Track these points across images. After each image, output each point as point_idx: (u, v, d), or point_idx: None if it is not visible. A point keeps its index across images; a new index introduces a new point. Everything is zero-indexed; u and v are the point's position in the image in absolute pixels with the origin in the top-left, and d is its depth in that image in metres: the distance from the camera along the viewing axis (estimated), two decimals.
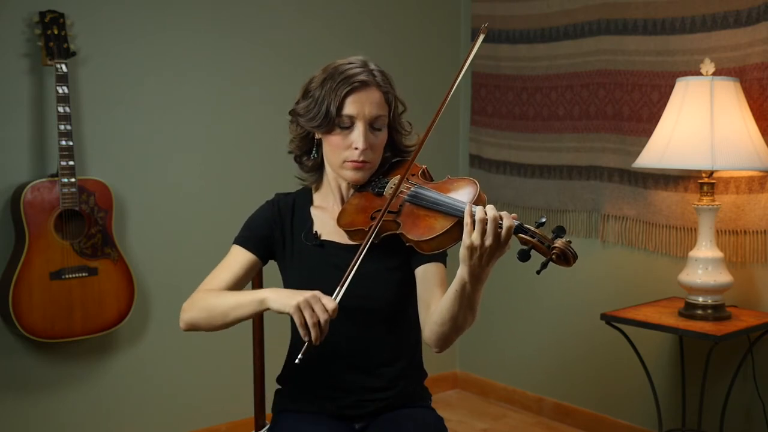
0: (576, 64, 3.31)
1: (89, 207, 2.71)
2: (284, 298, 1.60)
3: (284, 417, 1.85)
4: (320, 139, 1.79)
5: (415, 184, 1.71)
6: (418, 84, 3.56)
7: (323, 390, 1.82)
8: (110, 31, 2.89)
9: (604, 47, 3.18)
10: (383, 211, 1.65)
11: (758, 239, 2.78)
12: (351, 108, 1.72)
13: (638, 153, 2.76)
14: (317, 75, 1.77)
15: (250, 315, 1.69)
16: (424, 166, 1.79)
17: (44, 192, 2.63)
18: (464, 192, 1.63)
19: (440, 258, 1.76)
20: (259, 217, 1.87)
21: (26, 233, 2.60)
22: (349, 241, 1.74)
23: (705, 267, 2.64)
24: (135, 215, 2.97)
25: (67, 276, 2.67)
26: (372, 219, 1.68)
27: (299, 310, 1.56)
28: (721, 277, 2.64)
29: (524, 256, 1.48)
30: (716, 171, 2.66)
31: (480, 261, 1.51)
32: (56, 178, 2.63)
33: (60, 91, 2.62)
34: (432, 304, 1.71)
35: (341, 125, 1.73)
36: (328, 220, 1.82)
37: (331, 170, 1.81)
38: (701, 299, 2.65)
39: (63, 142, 2.62)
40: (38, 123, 2.75)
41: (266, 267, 1.91)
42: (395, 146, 1.84)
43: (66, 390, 2.87)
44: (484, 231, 1.49)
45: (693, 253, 2.68)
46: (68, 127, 2.63)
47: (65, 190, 2.63)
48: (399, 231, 1.65)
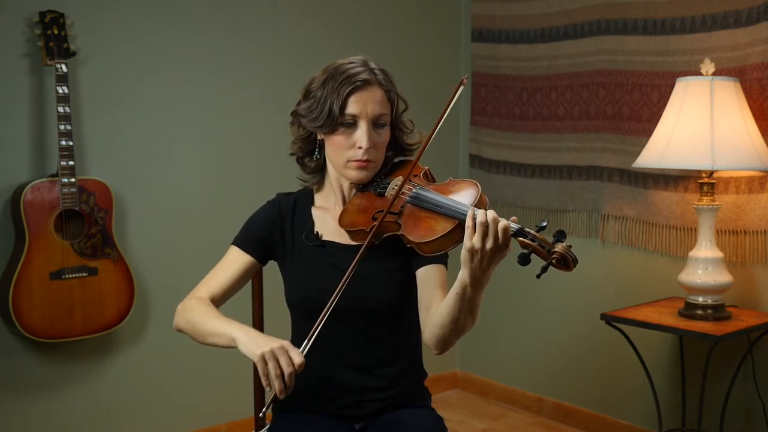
0: (576, 64, 3.31)
1: (89, 207, 2.71)
2: (251, 344, 1.59)
3: (284, 417, 1.85)
4: (322, 140, 1.79)
5: (417, 186, 1.70)
6: (418, 84, 3.56)
7: (323, 390, 1.82)
8: (110, 31, 2.89)
9: (604, 47, 3.18)
10: (385, 212, 1.65)
11: (758, 239, 2.78)
12: (354, 107, 1.72)
13: (638, 153, 2.76)
14: (318, 75, 1.77)
15: (225, 346, 1.69)
16: (426, 168, 1.79)
17: (44, 192, 2.63)
18: (466, 194, 1.63)
19: (441, 260, 1.76)
20: (259, 218, 1.86)
21: (26, 233, 2.60)
22: (351, 242, 1.74)
23: (705, 267, 2.64)
24: (135, 215, 2.97)
25: (67, 276, 2.67)
26: (373, 219, 1.68)
27: (263, 361, 1.55)
28: (721, 277, 2.64)
29: (524, 260, 1.48)
30: (716, 171, 2.66)
31: (480, 264, 1.51)
32: (56, 178, 2.63)
33: (60, 91, 2.62)
34: (432, 306, 1.71)
35: (344, 125, 1.73)
36: (330, 221, 1.82)
37: (334, 170, 1.81)
38: (701, 299, 2.65)
39: (63, 142, 2.62)
40: (38, 123, 2.75)
41: (266, 267, 1.91)
42: (397, 144, 1.84)
43: (66, 390, 2.87)
44: (485, 234, 1.49)
45: (693, 253, 2.68)
46: (68, 127, 2.63)
47: (65, 190, 2.63)
48: (400, 232, 1.65)
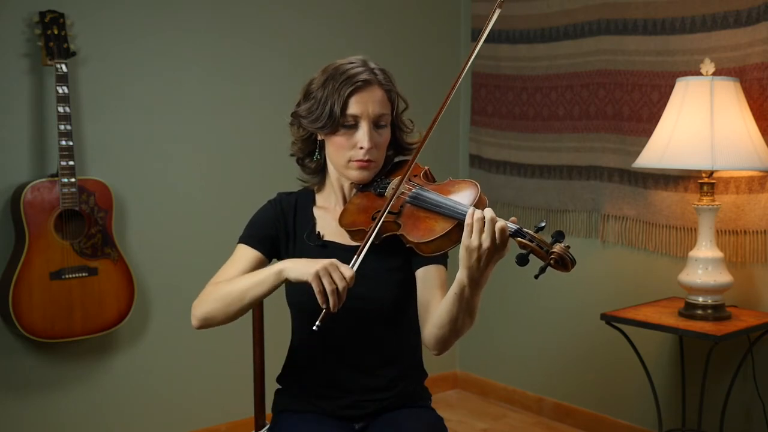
0: (576, 64, 3.31)
1: (89, 207, 2.71)
2: (302, 267, 1.59)
3: (284, 417, 1.85)
4: (323, 141, 1.79)
5: (417, 186, 1.71)
6: (418, 84, 3.56)
7: (323, 390, 1.82)
8: (110, 31, 2.89)
9: (604, 47, 3.18)
10: (383, 212, 1.65)
11: (758, 239, 2.78)
12: (355, 107, 1.72)
13: (638, 153, 2.76)
14: (317, 76, 1.77)
15: (269, 290, 1.66)
16: (426, 167, 1.79)
17: (44, 192, 2.63)
18: (465, 194, 1.63)
19: (441, 260, 1.76)
20: (263, 217, 1.86)
21: (26, 233, 2.60)
22: (352, 242, 1.74)
23: (705, 267, 2.64)
24: (135, 215, 2.97)
25: (67, 276, 2.67)
26: (373, 219, 1.68)
27: (318, 278, 1.55)
28: (721, 277, 2.64)
29: (522, 261, 1.48)
30: (716, 171, 2.66)
31: (478, 264, 1.51)
32: (56, 178, 2.63)
33: (60, 91, 2.62)
34: (431, 306, 1.71)
35: (345, 125, 1.73)
36: (331, 221, 1.82)
37: (335, 170, 1.81)
38: (701, 299, 2.65)
39: (63, 142, 2.62)
40: (38, 123, 2.75)
41: None
42: (398, 144, 1.84)
43: (66, 390, 2.87)
44: (483, 234, 1.49)
45: (693, 253, 2.68)
46: (68, 127, 2.63)
47: (65, 190, 2.63)
48: (400, 232, 1.65)
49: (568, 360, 3.47)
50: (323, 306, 1.56)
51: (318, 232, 1.82)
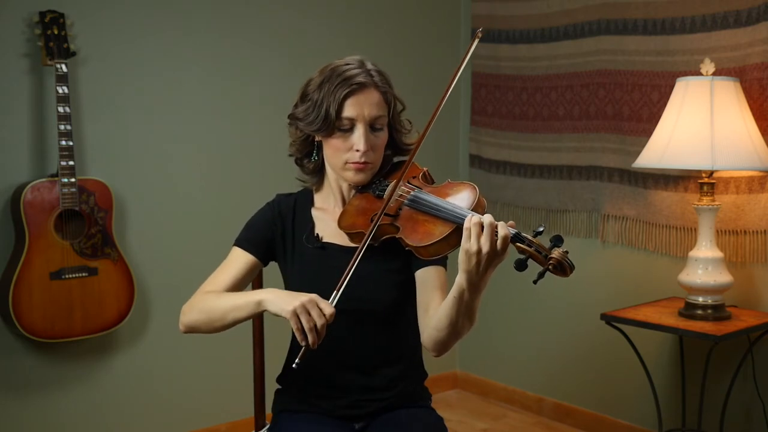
0: (576, 64, 3.31)
1: (89, 207, 2.71)
2: (281, 302, 1.59)
3: (284, 417, 1.85)
4: (320, 142, 1.79)
5: (416, 188, 1.70)
6: (418, 84, 3.56)
7: (323, 390, 1.82)
8: (110, 31, 2.89)
9: (604, 47, 3.18)
10: (379, 215, 1.64)
11: (758, 239, 2.78)
12: (350, 110, 1.71)
13: (638, 153, 2.76)
14: (315, 77, 1.77)
15: (248, 316, 1.69)
16: (425, 169, 1.78)
17: (44, 192, 2.63)
18: (463, 197, 1.62)
19: (441, 261, 1.76)
20: (260, 219, 1.86)
21: (26, 233, 2.60)
22: (351, 244, 1.74)
23: (705, 267, 2.64)
24: (135, 215, 2.97)
25: (67, 276, 2.66)
26: (371, 222, 1.67)
27: (296, 315, 1.55)
28: (721, 277, 2.64)
29: (521, 266, 1.48)
30: (716, 171, 2.66)
31: (477, 268, 1.50)
32: (56, 178, 2.63)
33: (60, 91, 2.62)
34: (431, 308, 1.70)
35: (341, 128, 1.72)
36: (330, 222, 1.81)
37: (333, 172, 1.81)
38: (701, 299, 2.65)
39: (63, 142, 2.62)
40: (38, 123, 2.75)
41: (266, 267, 1.91)
42: (396, 145, 1.84)
43: (66, 390, 2.87)
44: (482, 238, 1.48)
45: (693, 253, 2.68)
46: (68, 127, 2.63)
47: (65, 190, 2.63)
48: (398, 235, 1.64)
49: (568, 360, 3.47)
50: (302, 343, 1.56)
51: (317, 234, 1.82)
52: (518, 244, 1.50)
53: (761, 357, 2.80)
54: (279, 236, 1.84)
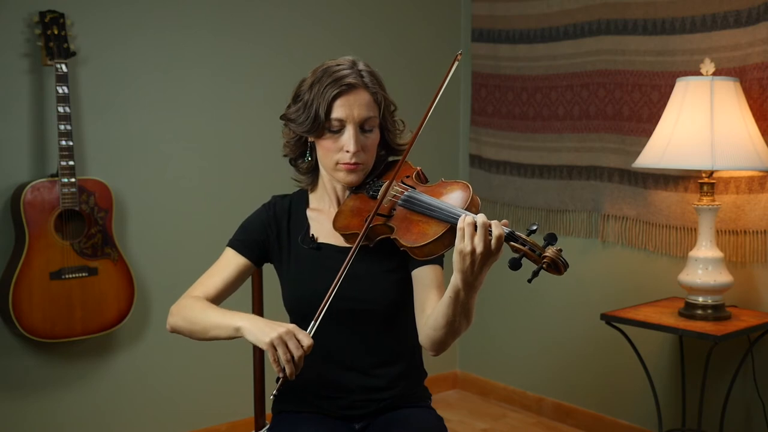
0: (576, 64, 3.31)
1: (89, 207, 2.71)
2: (258, 332, 1.58)
3: (284, 417, 1.85)
4: (313, 142, 1.79)
5: (410, 187, 1.70)
6: (418, 84, 3.56)
7: (323, 390, 1.82)
8: (110, 31, 2.89)
9: (604, 47, 3.18)
10: (371, 216, 1.64)
11: (758, 239, 2.78)
12: (339, 111, 1.71)
13: (638, 153, 2.76)
14: (307, 78, 1.77)
15: (228, 338, 1.68)
16: (419, 168, 1.78)
17: (44, 192, 2.63)
18: (457, 196, 1.62)
19: (437, 260, 1.75)
20: (255, 221, 1.86)
21: (26, 233, 2.60)
22: (346, 244, 1.74)
23: (705, 267, 2.64)
24: (135, 215, 2.97)
25: (67, 276, 2.66)
26: (366, 222, 1.67)
27: (273, 347, 1.55)
28: (721, 277, 2.64)
29: (515, 265, 1.48)
30: (716, 171, 2.66)
31: (472, 268, 1.50)
32: (56, 178, 2.63)
33: (60, 91, 2.62)
34: (427, 307, 1.70)
35: (331, 129, 1.72)
36: (325, 223, 1.81)
37: (326, 172, 1.81)
38: (701, 299, 2.65)
39: (63, 142, 2.62)
40: (38, 123, 2.75)
41: (266, 269, 1.91)
42: (389, 145, 1.84)
43: (66, 390, 2.87)
44: (476, 238, 1.48)
45: (693, 253, 2.68)
46: (68, 127, 2.63)
47: (65, 190, 2.63)
48: (393, 236, 1.64)
49: (568, 360, 3.47)
50: (279, 374, 1.55)
51: (312, 235, 1.82)
52: (512, 243, 1.50)
53: (761, 357, 2.80)
54: (274, 238, 1.84)
